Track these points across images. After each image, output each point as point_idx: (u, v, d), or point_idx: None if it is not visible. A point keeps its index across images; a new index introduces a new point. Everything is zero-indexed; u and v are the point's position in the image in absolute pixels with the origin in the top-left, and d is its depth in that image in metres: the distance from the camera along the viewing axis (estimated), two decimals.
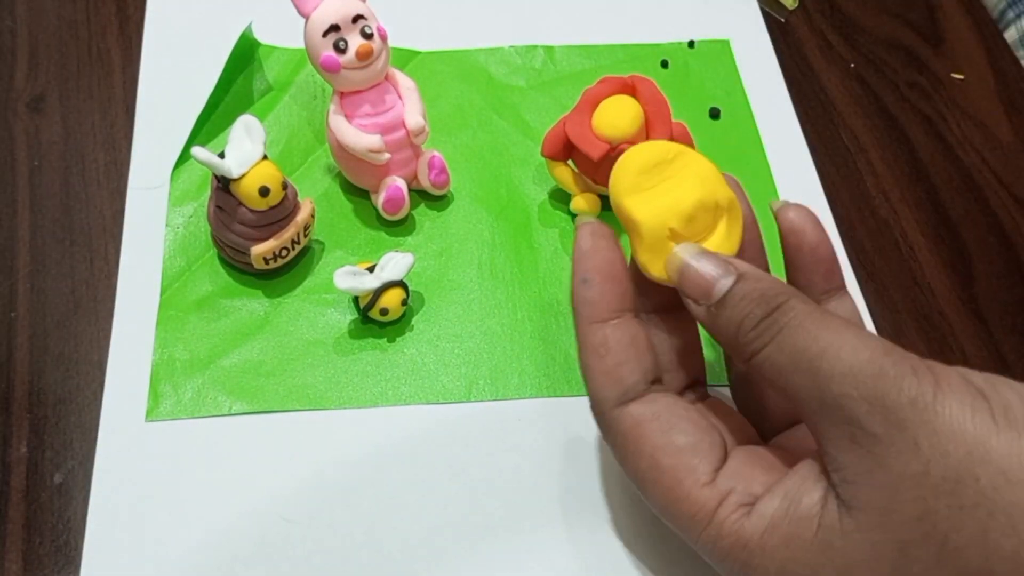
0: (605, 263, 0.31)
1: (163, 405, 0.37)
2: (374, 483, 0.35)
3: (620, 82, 0.40)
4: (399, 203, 0.41)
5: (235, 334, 0.39)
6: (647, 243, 0.30)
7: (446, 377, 0.38)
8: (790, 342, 0.27)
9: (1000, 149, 0.48)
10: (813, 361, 0.26)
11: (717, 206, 0.31)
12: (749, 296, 0.28)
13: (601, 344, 0.30)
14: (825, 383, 0.26)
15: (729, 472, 0.28)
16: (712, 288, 0.29)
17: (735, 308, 0.28)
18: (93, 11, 0.50)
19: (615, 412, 0.29)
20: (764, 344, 0.27)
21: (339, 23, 0.38)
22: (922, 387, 0.25)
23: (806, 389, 0.26)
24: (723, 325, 0.28)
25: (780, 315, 0.27)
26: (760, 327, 0.27)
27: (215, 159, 0.36)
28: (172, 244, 0.41)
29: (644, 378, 0.30)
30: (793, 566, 0.26)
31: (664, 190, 0.31)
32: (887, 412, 0.24)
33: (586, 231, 0.31)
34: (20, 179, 0.43)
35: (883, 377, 0.25)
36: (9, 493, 0.35)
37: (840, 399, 0.25)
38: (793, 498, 0.27)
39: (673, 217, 0.30)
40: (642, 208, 0.30)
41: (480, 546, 0.34)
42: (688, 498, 0.28)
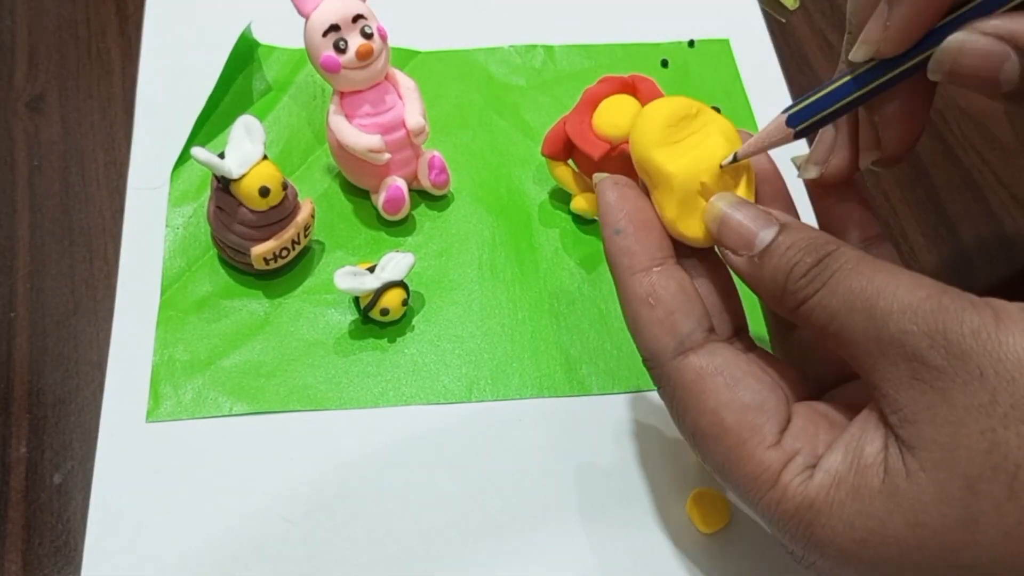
0: (636, 211, 0.30)
1: (164, 406, 0.37)
2: (375, 483, 0.35)
3: (620, 81, 0.40)
4: (399, 203, 0.41)
5: (235, 335, 0.39)
6: (678, 196, 0.29)
7: (447, 377, 0.38)
8: (844, 285, 0.26)
9: (1000, 149, 0.48)
10: (869, 301, 0.25)
11: (743, 165, 0.30)
12: (797, 244, 0.27)
13: (650, 293, 0.28)
14: (883, 321, 0.25)
15: (794, 432, 0.27)
16: (755, 238, 0.28)
17: (783, 257, 0.27)
18: (93, 11, 0.50)
19: (674, 363, 0.28)
20: (816, 290, 0.26)
21: (339, 23, 0.38)
22: (983, 319, 0.24)
23: (862, 330, 0.25)
24: (769, 275, 0.28)
25: (832, 260, 0.26)
26: (811, 274, 0.27)
27: (215, 159, 0.36)
28: (172, 244, 0.41)
29: (700, 325, 0.28)
30: (861, 519, 0.25)
31: (692, 144, 0.30)
32: (949, 344, 0.24)
33: (608, 183, 0.30)
34: (20, 179, 0.43)
35: (943, 311, 0.24)
36: (9, 493, 0.35)
37: (899, 335, 0.24)
38: (855, 450, 0.26)
39: (704, 171, 0.29)
40: (673, 161, 0.30)
41: (481, 546, 0.34)
42: (752, 458, 0.27)
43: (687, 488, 0.35)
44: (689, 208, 0.29)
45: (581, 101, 0.40)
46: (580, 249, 0.42)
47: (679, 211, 0.29)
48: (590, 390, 0.38)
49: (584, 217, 0.42)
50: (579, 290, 0.41)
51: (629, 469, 0.36)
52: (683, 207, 0.29)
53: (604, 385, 0.38)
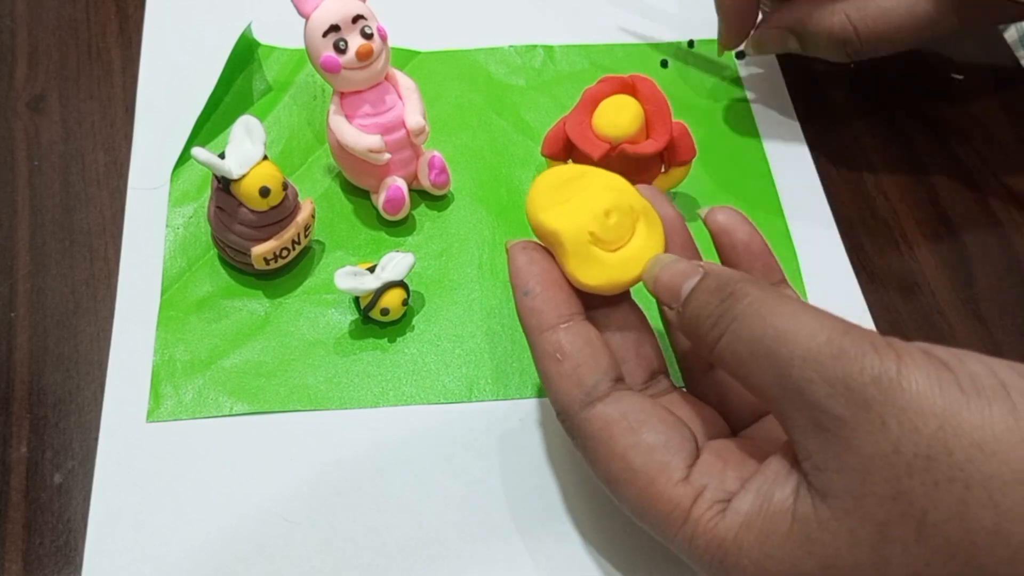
0: (543, 272, 0.31)
1: (164, 406, 0.37)
2: (375, 483, 0.35)
3: (620, 81, 0.40)
4: (399, 203, 0.41)
5: (236, 335, 0.39)
6: (571, 251, 0.31)
7: (447, 377, 0.38)
8: (746, 330, 0.26)
9: (1000, 149, 0.48)
10: (771, 347, 0.26)
11: (632, 209, 0.32)
12: (707, 288, 0.28)
13: (556, 350, 0.30)
14: (785, 369, 0.25)
15: (702, 468, 0.28)
16: (680, 289, 0.29)
17: (695, 302, 0.28)
18: (93, 11, 0.50)
19: (582, 415, 0.29)
20: (721, 333, 0.27)
21: (339, 23, 0.38)
22: (884, 364, 0.24)
23: (767, 377, 0.26)
24: (688, 321, 0.28)
25: (734, 302, 0.27)
26: (715, 316, 0.27)
27: (215, 159, 0.36)
28: (172, 245, 0.41)
29: (606, 376, 0.29)
30: (770, 563, 0.26)
31: (577, 201, 0.32)
32: (850, 393, 0.24)
33: (518, 248, 0.32)
34: (20, 179, 0.43)
35: (843, 357, 0.24)
36: (9, 493, 0.35)
37: (801, 384, 0.25)
38: (766, 494, 0.26)
39: (591, 221, 0.31)
40: (559, 219, 0.31)
41: (481, 546, 0.34)
42: (662, 497, 0.28)
43: None
44: (583, 258, 0.31)
45: (581, 101, 0.40)
46: None
47: (575, 263, 0.31)
48: None
49: None
50: None
51: None
52: (577, 259, 0.31)
53: None
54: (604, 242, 0.31)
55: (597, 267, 0.31)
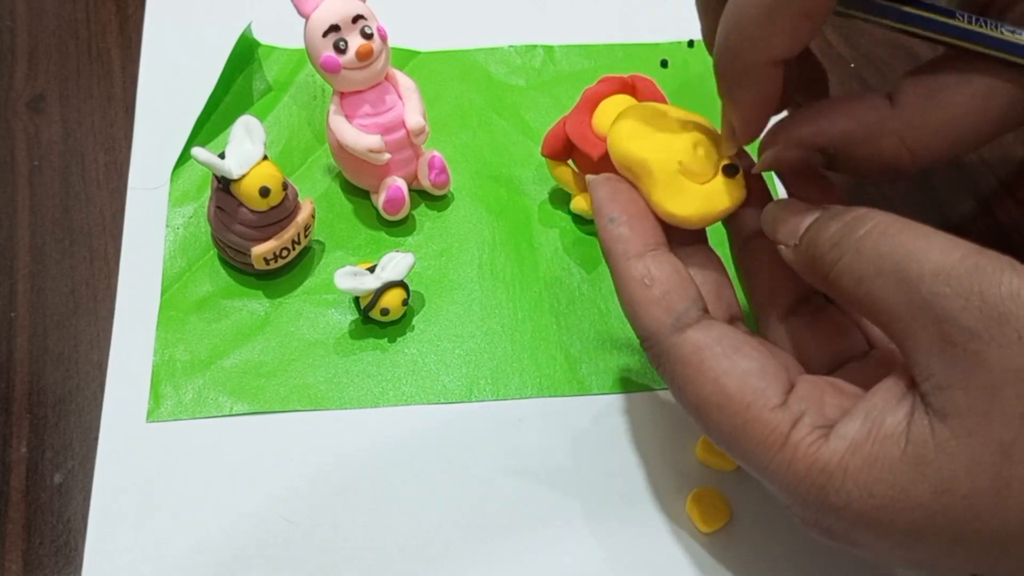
0: (628, 202, 0.31)
1: (164, 406, 0.37)
2: (375, 483, 0.35)
3: (620, 81, 0.40)
4: (399, 203, 0.41)
5: (236, 335, 0.39)
6: (660, 180, 0.30)
7: (447, 377, 0.38)
8: (871, 248, 0.25)
9: (1000, 149, 0.48)
10: (899, 263, 0.25)
11: (717, 145, 0.31)
12: (825, 216, 0.27)
13: (645, 275, 0.29)
14: (914, 284, 0.24)
15: (800, 395, 0.27)
16: (800, 225, 0.28)
17: (815, 228, 0.28)
18: (93, 11, 0.50)
19: (672, 339, 0.28)
20: (842, 254, 0.26)
21: (339, 23, 0.38)
22: (1021, 280, 0.23)
23: (892, 294, 0.25)
24: (804, 250, 0.28)
25: (858, 223, 0.26)
26: (836, 236, 0.26)
27: (215, 159, 0.36)
28: (172, 245, 0.41)
29: (695, 304, 0.29)
30: (880, 488, 0.24)
31: (664, 133, 0.31)
32: (986, 306, 0.23)
33: (600, 180, 0.31)
34: (20, 179, 0.43)
35: (979, 272, 0.24)
36: (9, 493, 0.35)
37: (932, 298, 0.24)
38: (876, 418, 0.25)
39: (680, 151, 0.30)
40: (648, 149, 0.31)
41: (481, 546, 0.34)
42: (758, 421, 0.26)
43: (687, 487, 0.35)
44: (673, 188, 0.30)
45: (581, 101, 0.40)
46: (580, 249, 0.42)
47: (664, 193, 0.30)
48: (590, 390, 0.38)
49: (584, 217, 0.42)
50: (579, 290, 0.41)
51: (629, 469, 0.36)
52: (666, 188, 0.30)
53: (604, 385, 0.38)
54: (692, 173, 0.31)
55: (686, 197, 0.31)
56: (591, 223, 0.43)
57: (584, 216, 0.42)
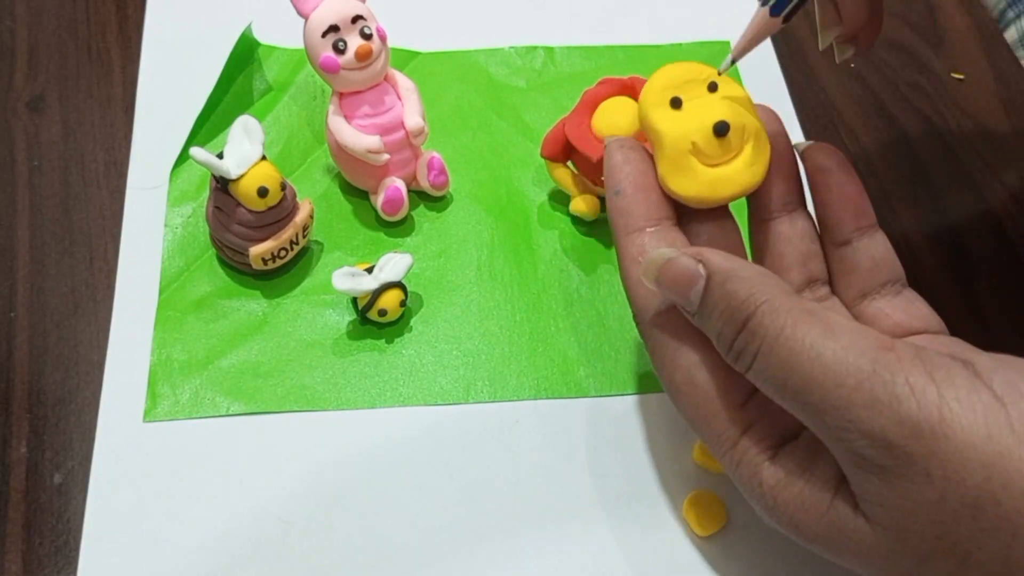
0: (637, 173, 0.30)
1: (161, 406, 0.37)
2: (372, 484, 0.35)
3: (620, 83, 0.40)
4: (398, 204, 0.41)
5: (233, 335, 0.39)
6: (668, 156, 0.30)
7: (444, 379, 0.38)
8: (771, 370, 0.25)
9: (1000, 149, 0.48)
10: (798, 395, 0.24)
11: (743, 129, 0.30)
12: (717, 307, 0.26)
13: (639, 252, 0.29)
14: (819, 416, 0.24)
15: (759, 401, 0.28)
16: (689, 292, 0.27)
17: (709, 320, 0.27)
18: (93, 11, 0.50)
19: (656, 319, 0.29)
20: (746, 368, 0.26)
21: (338, 23, 0.38)
22: (923, 409, 0.23)
23: (802, 417, 0.25)
24: (710, 336, 0.27)
25: (751, 336, 0.25)
26: (736, 348, 0.26)
27: (214, 159, 0.36)
28: (171, 244, 0.41)
29: None
30: (804, 526, 0.26)
31: (691, 106, 0.30)
32: (891, 447, 0.23)
33: (615, 146, 0.31)
34: (20, 179, 0.44)
35: (876, 407, 0.23)
36: (9, 493, 0.35)
37: (839, 432, 0.24)
38: (811, 465, 0.26)
39: (696, 131, 0.30)
40: (666, 121, 0.30)
41: (477, 548, 0.34)
42: (717, 417, 0.28)
43: (683, 490, 0.35)
44: (677, 166, 0.30)
45: (580, 103, 0.40)
46: (579, 251, 0.42)
47: (668, 168, 0.30)
48: (587, 392, 0.38)
49: (583, 219, 0.42)
50: (577, 292, 0.41)
51: (625, 471, 0.36)
52: (672, 165, 0.30)
53: (601, 387, 0.38)
54: (704, 155, 0.30)
55: (688, 177, 0.30)
56: (590, 225, 0.43)
57: (583, 218, 0.42)
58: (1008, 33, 0.54)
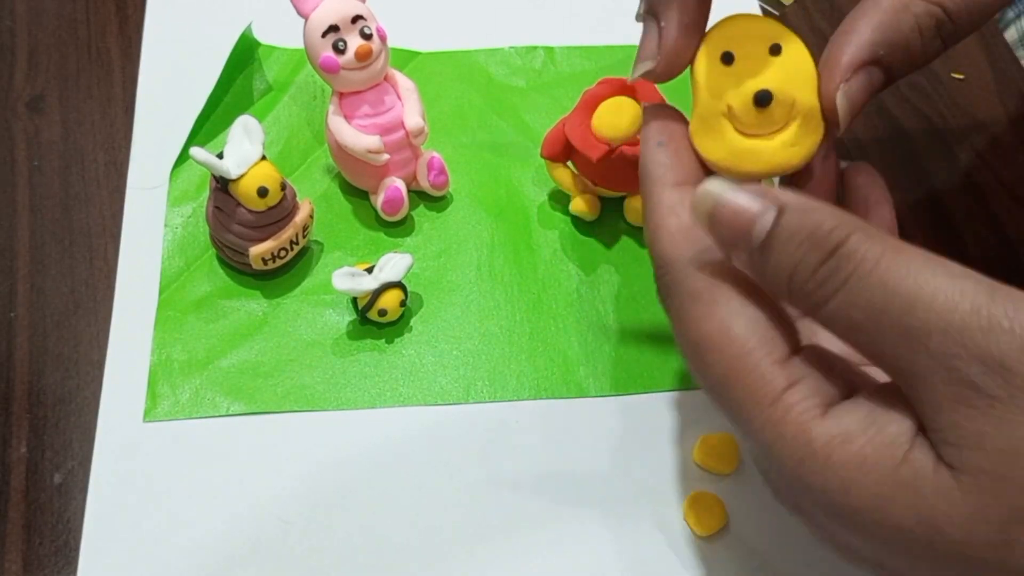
0: (681, 132, 0.29)
1: (161, 406, 0.37)
2: (372, 484, 0.35)
3: (620, 83, 0.40)
4: (398, 204, 0.41)
5: (233, 335, 0.39)
6: (700, 113, 0.28)
7: (444, 379, 0.38)
8: (864, 296, 0.23)
9: (1000, 149, 0.48)
10: (900, 316, 0.22)
11: (793, 106, 0.28)
12: (798, 235, 0.24)
13: (679, 203, 0.27)
14: (921, 341, 0.22)
15: (802, 361, 0.25)
16: (751, 228, 0.24)
17: (783, 252, 0.24)
18: (93, 11, 0.50)
19: (688, 270, 0.26)
20: (828, 297, 0.23)
21: (338, 23, 0.38)
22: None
23: (893, 349, 0.23)
24: (772, 274, 0.24)
25: (843, 260, 0.23)
26: (819, 276, 0.23)
27: (213, 159, 0.36)
28: (171, 244, 0.41)
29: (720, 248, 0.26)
30: (859, 491, 0.23)
31: (742, 66, 0.28)
32: (1007, 373, 0.21)
33: (654, 107, 0.30)
34: (20, 179, 0.44)
35: (995, 331, 0.21)
36: (9, 493, 0.35)
37: (944, 359, 0.22)
38: (879, 419, 0.23)
39: (735, 95, 0.28)
40: (709, 76, 0.28)
41: (477, 547, 0.34)
42: (756, 370, 0.24)
43: (683, 490, 0.35)
44: (708, 127, 0.28)
45: (580, 103, 0.40)
46: (579, 251, 0.42)
47: (698, 126, 0.28)
48: (587, 392, 0.38)
49: (583, 219, 0.42)
50: (577, 292, 0.41)
51: (626, 472, 0.36)
52: (703, 124, 0.28)
53: (601, 387, 0.38)
54: (740, 122, 0.28)
55: (716, 141, 0.28)
56: (590, 225, 0.43)
57: (583, 218, 0.42)
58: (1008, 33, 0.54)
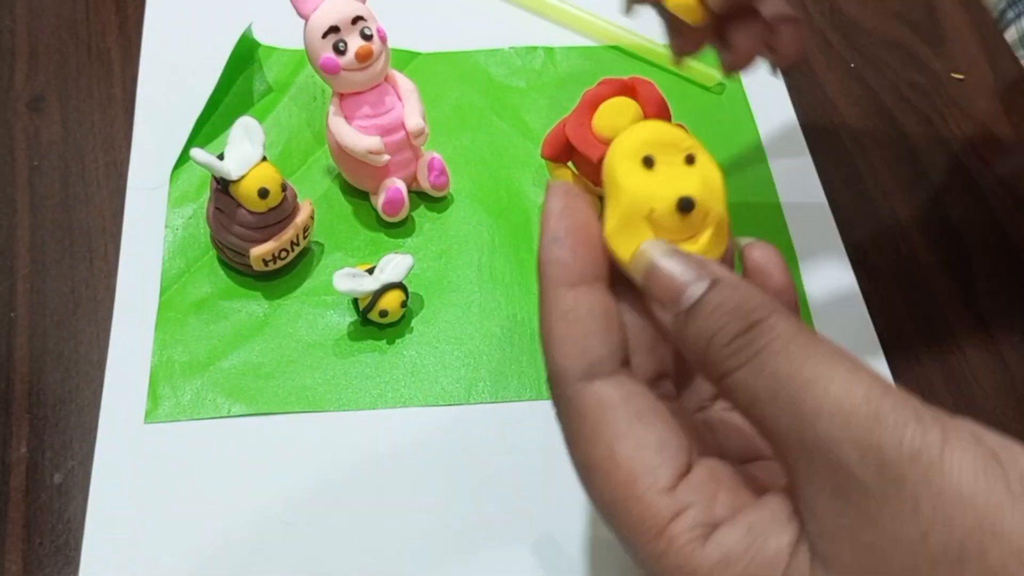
0: (580, 224, 0.27)
1: (162, 407, 0.37)
2: (373, 485, 0.35)
3: (620, 83, 0.40)
4: (399, 205, 0.41)
5: (234, 336, 0.39)
6: (622, 214, 0.28)
7: (445, 379, 0.38)
8: (770, 367, 0.23)
9: (1000, 149, 0.48)
10: (796, 393, 0.23)
11: (707, 215, 0.28)
12: (724, 306, 0.24)
13: (570, 309, 0.26)
14: (809, 421, 0.22)
15: (692, 484, 0.25)
16: (682, 293, 0.25)
17: (707, 319, 0.25)
18: (93, 11, 0.50)
19: (577, 387, 0.26)
20: (739, 365, 0.24)
21: (339, 24, 0.38)
22: (927, 440, 0.21)
23: (785, 424, 0.23)
24: (692, 337, 0.25)
25: (759, 334, 0.24)
26: (735, 344, 0.24)
27: (214, 161, 0.36)
28: (171, 245, 0.41)
29: (613, 355, 0.26)
30: None
31: (662, 172, 0.28)
32: (883, 465, 0.21)
33: (559, 190, 0.28)
34: (20, 179, 0.43)
35: (881, 422, 0.22)
36: (9, 493, 0.35)
37: (826, 442, 0.22)
38: (758, 535, 0.24)
39: (660, 200, 0.28)
40: (632, 178, 0.28)
41: (479, 548, 0.34)
42: (641, 500, 0.24)
43: None
44: (629, 229, 0.28)
45: (581, 103, 0.40)
46: None
47: (618, 227, 0.28)
48: None
49: None
50: None
51: None
52: (623, 225, 0.28)
53: None
54: (660, 227, 0.28)
55: (635, 242, 0.28)
56: None
57: None
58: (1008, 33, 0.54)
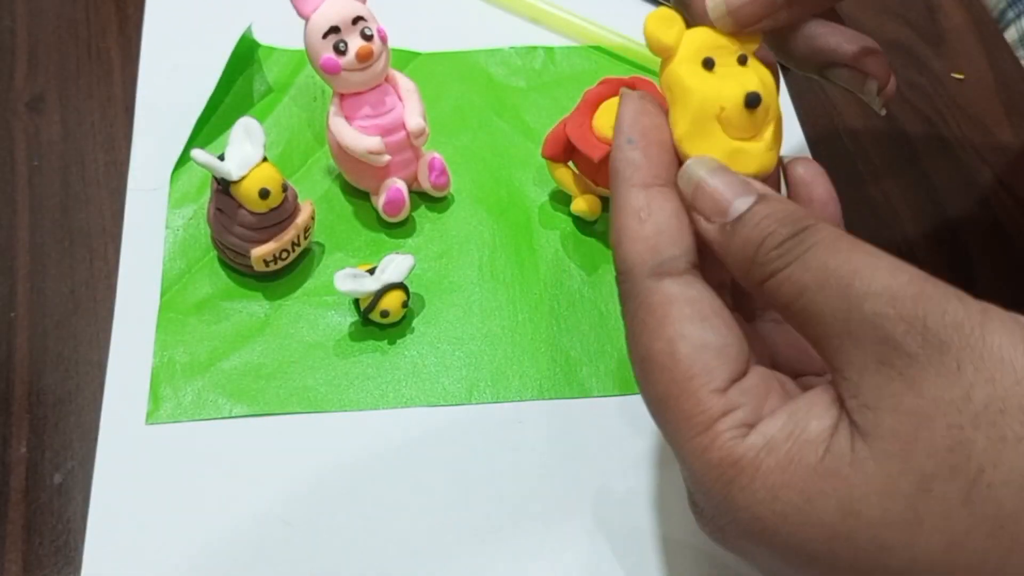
0: (653, 127, 0.28)
1: (163, 408, 0.37)
2: (374, 486, 0.35)
3: (620, 83, 0.40)
4: (399, 205, 0.41)
5: (235, 336, 0.39)
6: (693, 116, 0.28)
7: (447, 379, 0.38)
8: (818, 260, 0.24)
9: (1000, 149, 0.48)
10: (845, 279, 0.24)
11: (768, 111, 0.29)
12: (774, 215, 0.26)
13: (643, 207, 0.27)
14: (857, 301, 0.23)
15: (745, 387, 0.26)
16: (730, 205, 0.26)
17: (756, 227, 0.26)
18: (93, 11, 0.50)
19: (647, 282, 0.27)
20: (787, 263, 0.25)
21: (339, 24, 0.38)
22: (968, 313, 0.23)
23: (832, 309, 0.24)
24: (739, 244, 0.26)
25: (808, 235, 0.25)
26: (784, 246, 0.25)
27: (215, 161, 0.36)
28: (172, 246, 0.41)
29: (685, 255, 0.27)
30: (787, 493, 0.23)
31: (724, 73, 0.29)
32: (927, 332, 0.22)
33: (633, 96, 0.29)
34: (20, 179, 0.43)
35: (925, 298, 0.23)
36: (9, 493, 0.35)
37: (873, 317, 0.23)
38: (799, 420, 0.24)
39: (728, 98, 0.28)
40: (698, 79, 0.28)
41: (480, 548, 0.34)
42: (693, 396, 0.25)
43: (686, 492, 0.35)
44: (700, 131, 0.28)
45: (581, 103, 0.40)
46: (581, 251, 0.42)
47: (689, 130, 0.28)
48: (590, 392, 0.38)
49: (585, 219, 0.42)
50: (579, 292, 0.41)
51: (628, 471, 0.36)
52: (695, 127, 0.28)
53: (604, 387, 0.38)
54: (729, 125, 0.28)
55: (709, 143, 0.28)
56: (592, 225, 0.43)
57: (585, 218, 0.42)
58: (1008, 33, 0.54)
